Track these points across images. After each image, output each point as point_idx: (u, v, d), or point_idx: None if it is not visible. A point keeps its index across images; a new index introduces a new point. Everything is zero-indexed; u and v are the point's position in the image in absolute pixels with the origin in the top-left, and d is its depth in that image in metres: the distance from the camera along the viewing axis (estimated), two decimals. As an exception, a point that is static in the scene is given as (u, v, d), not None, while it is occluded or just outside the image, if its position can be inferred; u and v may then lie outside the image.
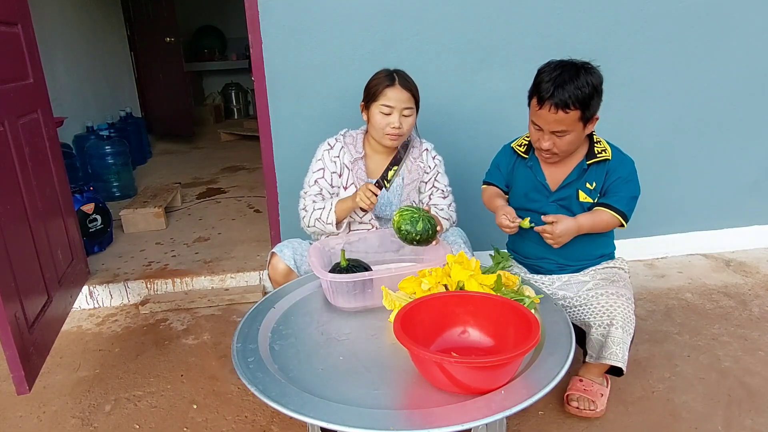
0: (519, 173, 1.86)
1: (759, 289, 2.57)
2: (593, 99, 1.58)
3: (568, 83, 1.55)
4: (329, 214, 1.82)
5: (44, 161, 2.23)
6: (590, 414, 1.74)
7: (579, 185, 1.75)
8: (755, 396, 1.85)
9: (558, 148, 1.66)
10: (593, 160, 1.73)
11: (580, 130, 1.64)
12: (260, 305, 1.55)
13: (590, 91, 1.56)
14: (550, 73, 1.59)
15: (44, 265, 2.04)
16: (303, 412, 1.08)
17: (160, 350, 2.26)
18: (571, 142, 1.65)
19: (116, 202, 3.88)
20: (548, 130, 1.63)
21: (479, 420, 1.04)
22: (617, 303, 1.66)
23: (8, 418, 1.90)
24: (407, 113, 1.82)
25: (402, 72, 1.86)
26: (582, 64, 1.60)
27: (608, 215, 1.71)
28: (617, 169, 1.73)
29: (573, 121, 1.59)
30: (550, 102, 1.57)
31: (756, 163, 2.86)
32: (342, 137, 1.94)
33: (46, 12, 4.08)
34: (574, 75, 1.56)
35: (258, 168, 4.66)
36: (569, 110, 1.56)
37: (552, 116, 1.59)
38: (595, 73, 1.60)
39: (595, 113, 1.63)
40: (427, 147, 2.00)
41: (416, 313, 1.25)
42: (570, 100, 1.55)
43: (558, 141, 1.64)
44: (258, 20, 2.30)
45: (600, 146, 1.75)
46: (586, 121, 1.62)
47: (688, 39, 2.58)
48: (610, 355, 1.65)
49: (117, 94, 5.57)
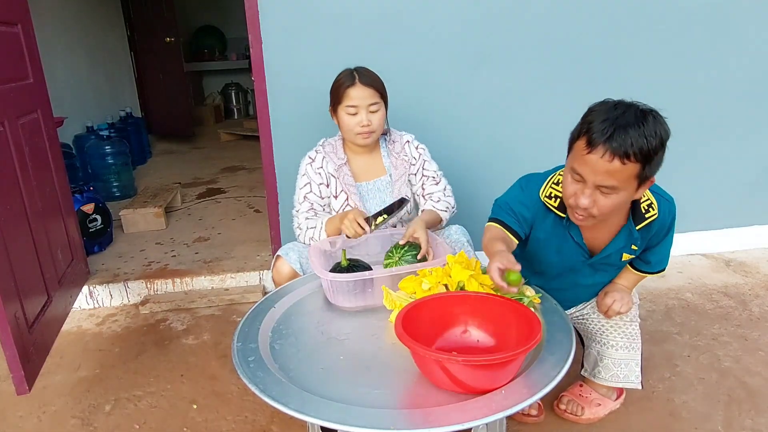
0: (550, 230, 1.54)
1: (759, 289, 2.57)
2: (657, 154, 1.26)
3: (632, 127, 1.22)
4: (320, 233, 1.84)
5: (44, 161, 2.23)
6: (573, 419, 1.73)
7: (625, 250, 1.53)
8: (755, 396, 1.85)
9: (598, 209, 1.32)
10: (642, 223, 1.46)
11: (632, 192, 1.30)
12: (260, 305, 1.55)
13: (657, 144, 1.24)
14: (607, 112, 1.26)
15: (44, 265, 2.04)
16: (303, 412, 1.08)
17: (160, 350, 2.26)
18: (617, 204, 1.31)
19: (116, 202, 3.88)
20: (593, 183, 1.28)
21: (479, 420, 1.04)
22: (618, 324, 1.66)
23: (8, 418, 1.89)
24: (374, 109, 1.83)
25: (363, 69, 1.86)
26: (650, 109, 1.28)
27: (645, 276, 1.69)
28: (663, 222, 1.51)
29: (628, 177, 1.26)
30: (606, 147, 1.22)
31: (756, 163, 2.86)
32: (322, 147, 1.94)
33: (46, 12, 4.08)
34: (641, 119, 1.24)
35: (258, 168, 4.66)
36: (628, 161, 1.23)
37: (604, 165, 1.24)
38: (665, 124, 1.28)
39: (654, 174, 1.31)
40: (408, 139, 1.99)
41: (417, 313, 1.25)
42: (633, 148, 1.21)
43: (601, 200, 1.30)
44: (258, 20, 2.30)
45: (645, 201, 1.46)
46: (641, 181, 1.29)
47: (688, 39, 2.58)
48: (611, 378, 1.64)
49: (117, 94, 5.57)
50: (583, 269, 1.61)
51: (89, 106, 4.78)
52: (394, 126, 2.04)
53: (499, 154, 2.60)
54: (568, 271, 1.62)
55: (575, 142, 1.32)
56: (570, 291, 1.69)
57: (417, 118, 2.43)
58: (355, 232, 1.68)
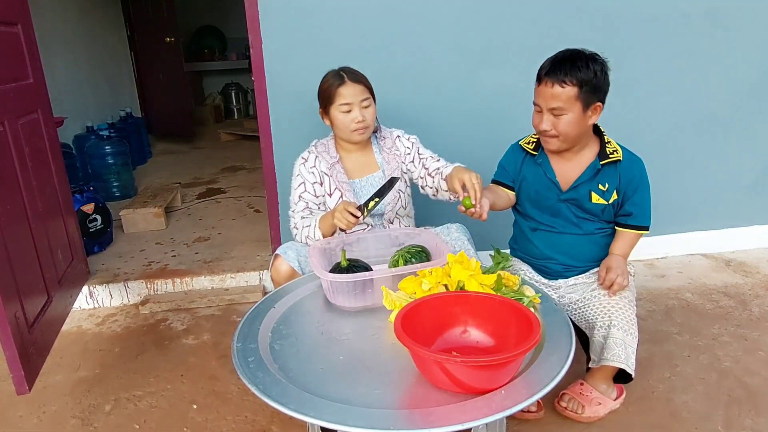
0: (528, 171, 1.83)
1: (759, 289, 2.57)
2: (592, 80, 1.58)
3: (567, 60, 1.59)
4: (315, 231, 1.85)
5: (44, 161, 2.23)
6: (573, 416, 1.74)
7: (591, 186, 1.73)
8: (755, 396, 1.85)
9: (557, 130, 1.64)
10: (606, 160, 1.71)
11: (579, 112, 1.62)
12: (260, 305, 1.55)
13: (589, 73, 1.57)
14: (554, 56, 1.63)
15: (44, 265, 2.04)
16: (303, 412, 1.08)
17: (160, 350, 2.26)
18: (570, 122, 1.62)
19: (116, 202, 3.88)
20: (546, 107, 1.63)
21: (479, 420, 1.04)
22: (618, 304, 1.66)
23: (8, 418, 1.90)
24: (366, 104, 1.85)
25: (348, 68, 1.90)
26: (587, 51, 1.62)
27: (636, 235, 1.77)
28: (629, 170, 1.73)
29: (569, 98, 1.59)
30: (547, 77, 1.59)
31: (756, 163, 2.86)
32: (314, 148, 1.97)
33: (46, 12, 4.08)
34: (576, 56, 1.59)
35: (258, 168, 4.66)
36: (565, 85, 1.57)
37: (548, 91, 1.60)
38: (598, 59, 1.61)
39: (596, 100, 1.62)
40: (398, 134, 2.02)
41: (417, 313, 1.25)
42: (567, 76, 1.56)
43: (557, 121, 1.63)
44: (258, 20, 2.30)
45: (611, 146, 1.74)
46: (585, 105, 1.61)
47: (688, 39, 2.58)
48: (612, 357, 1.63)
49: (117, 94, 5.57)
50: (561, 209, 1.77)
51: (89, 106, 4.78)
52: (394, 125, 2.05)
53: (499, 154, 2.59)
54: (548, 213, 1.79)
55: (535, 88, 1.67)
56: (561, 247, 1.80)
57: (417, 118, 2.43)
58: (348, 223, 1.68)
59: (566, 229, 1.79)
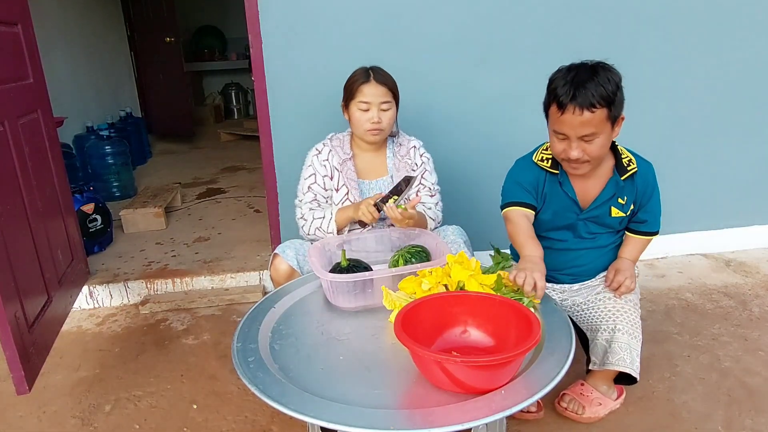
0: (550, 191, 1.70)
1: (759, 289, 2.57)
2: (617, 95, 1.48)
3: (587, 81, 1.45)
4: (329, 223, 1.86)
5: (44, 161, 2.23)
6: (574, 417, 1.74)
7: (612, 202, 1.67)
8: (755, 396, 1.85)
9: (589, 155, 1.52)
10: (626, 175, 1.64)
11: (609, 132, 1.52)
12: (260, 305, 1.55)
13: (613, 87, 1.46)
14: (564, 77, 1.48)
15: (44, 265, 2.04)
16: (303, 412, 1.08)
17: (160, 350, 2.26)
18: (603, 145, 1.52)
19: (116, 202, 3.88)
20: (575, 136, 1.49)
21: (479, 420, 1.04)
22: (624, 308, 1.66)
23: (8, 418, 1.90)
24: (385, 107, 1.85)
25: (378, 68, 1.89)
26: (596, 63, 1.51)
27: (647, 240, 1.76)
28: (645, 179, 1.67)
29: (601, 121, 1.47)
30: (573, 104, 1.45)
31: (756, 163, 2.86)
32: (329, 141, 1.97)
33: (46, 12, 4.08)
34: (592, 73, 1.46)
35: (258, 168, 4.66)
36: (595, 109, 1.45)
37: (578, 119, 1.46)
38: (613, 70, 1.50)
39: (621, 112, 1.53)
40: (415, 144, 2.01)
41: (417, 313, 1.25)
42: (594, 98, 1.43)
43: (588, 147, 1.51)
44: (258, 20, 2.30)
45: (625, 157, 1.66)
46: (613, 121, 1.51)
47: (688, 39, 2.58)
48: (617, 361, 1.62)
49: (117, 94, 5.57)
50: (579, 226, 1.71)
51: (89, 106, 4.77)
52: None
53: (499, 154, 2.59)
54: (562, 230, 1.73)
55: (548, 110, 1.55)
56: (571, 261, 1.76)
57: (416, 118, 2.43)
58: (372, 217, 1.75)
59: (578, 245, 1.75)
